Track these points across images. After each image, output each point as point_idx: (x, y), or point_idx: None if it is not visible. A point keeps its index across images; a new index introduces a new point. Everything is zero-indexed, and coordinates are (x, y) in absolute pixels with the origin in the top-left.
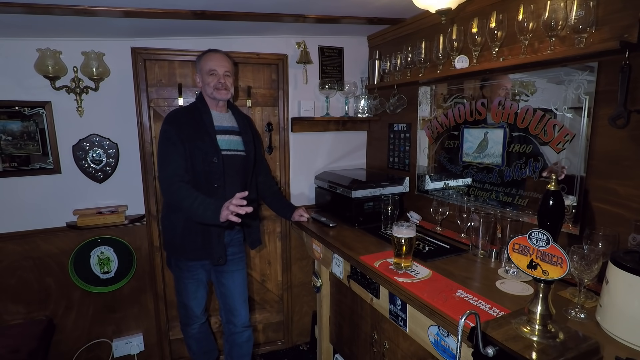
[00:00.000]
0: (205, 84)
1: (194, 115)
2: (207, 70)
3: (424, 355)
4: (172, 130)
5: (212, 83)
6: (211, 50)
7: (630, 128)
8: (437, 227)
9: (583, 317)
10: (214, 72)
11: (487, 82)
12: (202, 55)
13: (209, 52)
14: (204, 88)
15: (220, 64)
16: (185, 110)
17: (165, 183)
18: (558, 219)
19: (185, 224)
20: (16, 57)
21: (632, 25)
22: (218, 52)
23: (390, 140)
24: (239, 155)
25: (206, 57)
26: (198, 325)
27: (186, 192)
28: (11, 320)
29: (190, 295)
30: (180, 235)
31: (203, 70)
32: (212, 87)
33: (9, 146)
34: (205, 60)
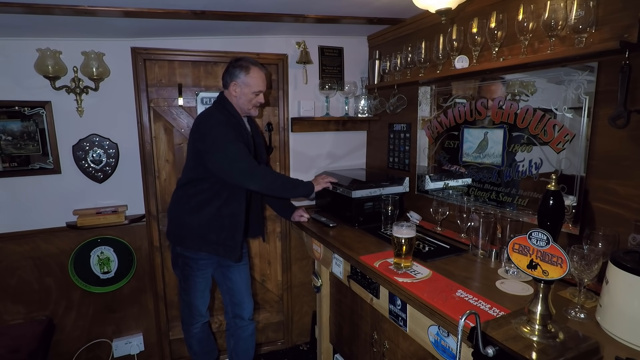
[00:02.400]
0: (245, 99)
1: (233, 121)
2: (255, 90)
3: (424, 355)
4: (230, 131)
5: (254, 101)
6: (256, 65)
7: (630, 128)
8: (437, 227)
9: (583, 317)
10: (259, 93)
11: (485, 82)
12: (248, 67)
13: (257, 69)
14: (240, 100)
15: (266, 85)
16: (227, 116)
17: (255, 171)
18: (558, 219)
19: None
20: (16, 57)
21: (632, 25)
22: (263, 69)
23: (390, 140)
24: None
25: (256, 74)
26: (201, 325)
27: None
28: (11, 320)
29: (199, 293)
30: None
31: (248, 87)
32: (251, 105)
33: (9, 146)
34: (254, 77)
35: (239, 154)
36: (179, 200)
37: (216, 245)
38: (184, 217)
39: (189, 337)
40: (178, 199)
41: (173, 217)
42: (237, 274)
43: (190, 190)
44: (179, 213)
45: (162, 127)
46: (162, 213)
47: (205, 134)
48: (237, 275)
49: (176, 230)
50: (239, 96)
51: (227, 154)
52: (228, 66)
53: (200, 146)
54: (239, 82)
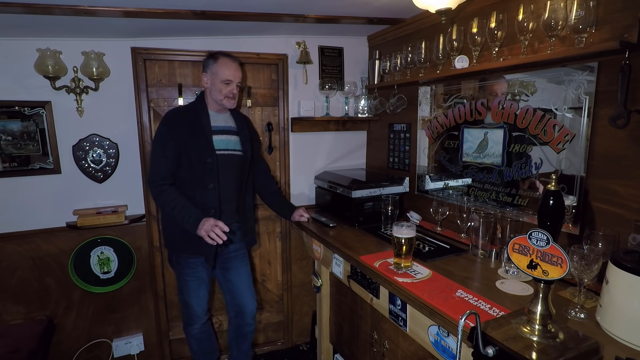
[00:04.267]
0: (215, 90)
1: (191, 116)
2: (223, 78)
3: (423, 355)
4: (165, 131)
5: (224, 91)
6: (227, 56)
7: (630, 128)
8: (437, 227)
9: (583, 317)
10: (229, 82)
11: (486, 82)
12: (216, 57)
13: (226, 59)
14: (212, 92)
15: (236, 75)
16: (183, 110)
17: (149, 185)
18: (558, 219)
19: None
20: (16, 57)
21: (632, 25)
22: (234, 60)
23: (390, 140)
24: (236, 155)
25: (223, 63)
26: (200, 325)
27: (167, 196)
28: (11, 320)
29: (192, 293)
30: (180, 231)
31: (216, 76)
32: (222, 95)
33: (9, 146)
34: (221, 67)
35: (154, 158)
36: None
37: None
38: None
39: (188, 337)
40: None
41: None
42: (236, 276)
43: None
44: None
45: None
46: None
47: None
48: (237, 278)
49: (165, 233)
50: (210, 87)
51: (151, 153)
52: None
53: None
54: (208, 72)
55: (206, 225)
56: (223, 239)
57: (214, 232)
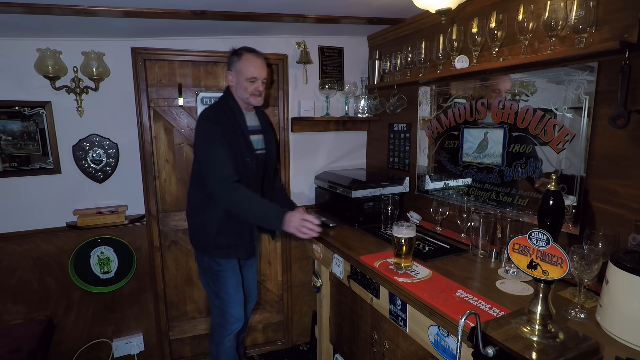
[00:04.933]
0: (241, 88)
1: (229, 115)
2: (249, 76)
3: (423, 355)
4: (219, 130)
5: (250, 89)
6: (252, 52)
7: (630, 128)
8: (437, 227)
9: (583, 317)
10: (254, 80)
11: (487, 82)
12: (241, 54)
13: (250, 55)
14: (238, 90)
15: (262, 72)
16: (222, 110)
17: (220, 186)
18: (558, 219)
19: (220, 224)
20: (16, 57)
21: (632, 25)
22: (259, 56)
23: (390, 140)
24: (262, 154)
25: (248, 60)
26: (234, 335)
27: (244, 192)
28: (11, 320)
29: (233, 290)
30: (214, 234)
31: (242, 74)
32: (248, 93)
33: (9, 146)
34: (246, 64)
35: (216, 158)
36: (190, 204)
37: (227, 248)
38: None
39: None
40: (189, 201)
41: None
42: (249, 272)
43: (197, 193)
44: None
45: (162, 127)
46: (162, 213)
47: (195, 131)
48: (250, 273)
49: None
50: (236, 85)
51: (206, 155)
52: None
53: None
54: (233, 70)
55: (294, 221)
56: (317, 233)
57: (305, 227)
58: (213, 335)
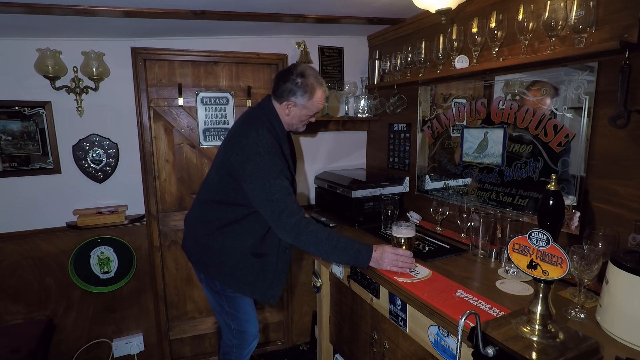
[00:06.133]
0: (297, 119)
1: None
2: (314, 112)
3: (423, 355)
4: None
5: (305, 121)
6: (323, 87)
7: (630, 128)
8: (437, 227)
9: (583, 317)
10: (315, 114)
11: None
12: (313, 90)
13: (323, 91)
14: (291, 118)
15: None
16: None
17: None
18: (558, 219)
19: (242, 257)
20: (16, 57)
21: (632, 25)
22: (326, 90)
23: (390, 140)
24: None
25: (320, 97)
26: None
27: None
28: (11, 320)
29: (250, 307)
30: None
31: (309, 109)
32: (302, 124)
33: (9, 146)
34: (318, 100)
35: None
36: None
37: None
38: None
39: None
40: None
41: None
42: None
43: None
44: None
45: (162, 127)
46: (162, 213)
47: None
48: None
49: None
50: (292, 114)
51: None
52: (288, 77)
53: (237, 168)
54: (298, 104)
55: (389, 258)
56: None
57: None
58: (229, 358)
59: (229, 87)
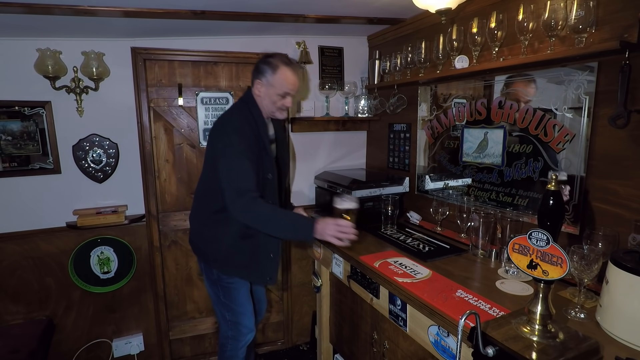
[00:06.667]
0: (269, 101)
1: (253, 126)
2: (283, 91)
3: (423, 355)
4: (246, 144)
5: (279, 103)
6: (289, 65)
7: (630, 128)
8: (437, 227)
9: (583, 317)
10: (287, 95)
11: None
12: (277, 66)
13: (287, 69)
14: (265, 102)
15: (296, 86)
16: (248, 120)
17: (240, 198)
18: (558, 219)
19: (232, 241)
20: (16, 57)
21: (632, 25)
22: (296, 69)
23: (390, 140)
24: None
25: (285, 73)
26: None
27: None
28: (11, 320)
29: (245, 300)
30: (225, 252)
31: (274, 87)
32: (276, 107)
33: (9, 146)
34: (282, 77)
35: (239, 168)
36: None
37: (238, 268)
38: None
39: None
40: (198, 210)
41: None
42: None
43: (209, 203)
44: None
45: (162, 127)
46: (162, 213)
47: (220, 137)
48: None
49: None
50: (263, 97)
51: (230, 167)
52: (257, 61)
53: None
54: (264, 82)
55: (329, 229)
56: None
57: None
58: (225, 349)
59: (229, 87)
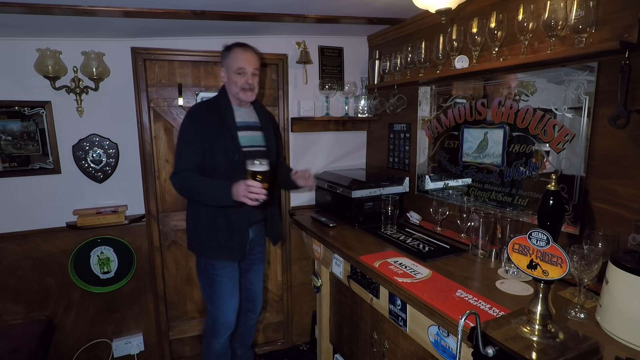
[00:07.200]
0: (231, 82)
1: (215, 111)
2: (235, 68)
3: (423, 355)
4: (191, 126)
5: (240, 83)
6: (240, 45)
7: (630, 128)
8: (437, 227)
9: (583, 317)
10: (242, 71)
11: (490, 82)
12: (229, 49)
13: (238, 48)
14: (229, 86)
15: (250, 63)
16: (207, 105)
17: (173, 177)
18: (558, 219)
19: (206, 221)
20: (16, 57)
21: (632, 25)
22: (247, 48)
23: (390, 140)
24: (261, 151)
25: (235, 52)
26: (225, 338)
27: (192, 177)
28: (11, 320)
29: (227, 296)
30: (202, 232)
31: (230, 68)
32: (238, 87)
33: (9, 146)
34: (233, 57)
35: (178, 152)
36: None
37: (217, 248)
38: (187, 221)
39: (209, 351)
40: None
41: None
42: (255, 276)
43: None
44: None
45: (162, 127)
46: (162, 213)
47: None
48: (256, 277)
49: (188, 235)
50: (227, 82)
51: (176, 150)
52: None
53: None
54: (224, 66)
55: (240, 190)
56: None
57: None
58: (205, 335)
59: None
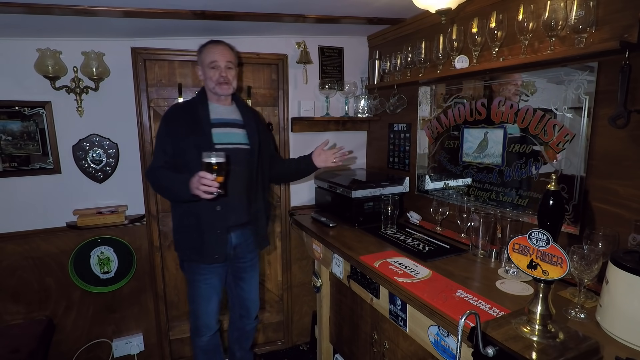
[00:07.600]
0: (207, 78)
1: (190, 110)
2: (208, 62)
3: (424, 355)
4: (163, 127)
5: (214, 77)
6: (212, 41)
7: (630, 128)
8: (437, 227)
9: (583, 317)
10: (215, 65)
11: (492, 82)
12: (203, 46)
13: (210, 43)
14: (206, 82)
15: (222, 56)
16: (182, 105)
17: (147, 175)
18: (558, 219)
19: (177, 221)
20: (16, 57)
21: (632, 25)
22: (220, 42)
23: (390, 140)
24: (242, 149)
25: (207, 48)
26: (208, 337)
27: (161, 172)
28: (11, 320)
29: (203, 301)
30: (176, 231)
31: (204, 63)
32: (214, 82)
33: (9, 146)
34: (206, 52)
35: (154, 153)
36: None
37: (186, 249)
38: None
39: (195, 348)
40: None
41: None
42: (248, 284)
43: None
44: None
45: None
46: (162, 213)
47: None
48: (249, 285)
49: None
50: (204, 78)
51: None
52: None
53: None
54: (199, 63)
55: (194, 183)
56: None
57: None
58: (190, 333)
59: None
